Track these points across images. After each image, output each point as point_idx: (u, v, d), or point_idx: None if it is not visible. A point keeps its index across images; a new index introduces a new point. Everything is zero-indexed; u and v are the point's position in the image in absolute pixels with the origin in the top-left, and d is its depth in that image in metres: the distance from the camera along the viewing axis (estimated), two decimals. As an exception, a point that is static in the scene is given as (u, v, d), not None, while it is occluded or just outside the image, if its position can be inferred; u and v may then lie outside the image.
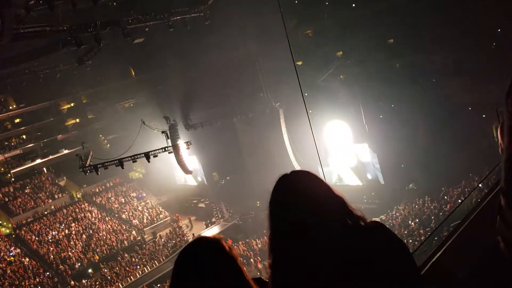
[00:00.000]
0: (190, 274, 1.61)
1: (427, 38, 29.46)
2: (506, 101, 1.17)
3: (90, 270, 34.77)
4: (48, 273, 33.80)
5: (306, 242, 1.61)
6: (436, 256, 3.48)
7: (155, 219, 42.55)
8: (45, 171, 46.06)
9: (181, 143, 34.91)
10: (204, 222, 40.89)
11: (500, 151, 2.83)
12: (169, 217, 42.95)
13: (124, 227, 40.70)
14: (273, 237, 1.73)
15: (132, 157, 31.03)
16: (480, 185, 12.58)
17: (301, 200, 1.67)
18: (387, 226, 1.75)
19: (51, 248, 36.62)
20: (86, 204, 43.15)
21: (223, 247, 1.68)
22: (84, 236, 38.69)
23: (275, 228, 1.73)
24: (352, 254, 1.57)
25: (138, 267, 34.63)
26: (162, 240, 38.80)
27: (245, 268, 1.70)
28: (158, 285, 31.71)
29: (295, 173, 1.79)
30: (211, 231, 38.64)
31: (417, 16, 29.29)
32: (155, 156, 31.75)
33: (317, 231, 1.61)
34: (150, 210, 43.93)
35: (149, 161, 31.49)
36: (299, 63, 36.32)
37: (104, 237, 38.84)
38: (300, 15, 35.81)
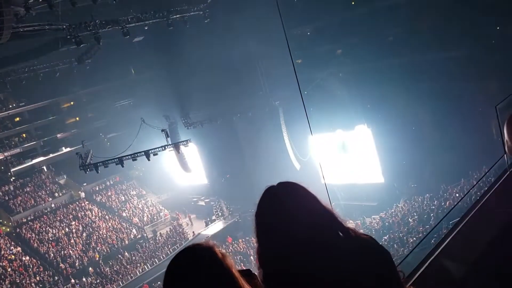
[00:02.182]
0: (181, 285, 1.53)
1: (426, 36, 29.47)
2: None
3: (90, 269, 34.81)
4: (48, 272, 33.86)
5: (297, 255, 1.58)
6: (435, 254, 3.53)
7: (155, 217, 42.63)
8: (45, 170, 46.07)
9: (181, 141, 34.97)
10: (204, 220, 40.98)
11: (506, 149, 2.87)
12: (169, 215, 43.04)
13: (125, 225, 40.77)
14: (261, 251, 1.69)
15: (132, 156, 31.11)
16: (479, 183, 12.63)
17: (289, 213, 1.63)
18: (387, 223, 1.76)
19: (51, 247, 36.68)
20: (86, 202, 43.18)
21: (216, 255, 1.58)
22: (84, 234, 38.74)
23: (263, 242, 1.69)
24: (345, 266, 1.55)
25: (139, 265, 34.71)
26: (163, 238, 38.87)
27: (241, 278, 1.60)
28: (158, 283, 31.80)
29: (281, 184, 1.75)
30: (212, 229, 38.73)
31: (416, 14, 29.30)
32: (155, 154, 31.81)
33: (307, 244, 1.58)
34: (150, 208, 44.01)
35: (149, 159, 31.57)
36: (299, 61, 36.32)
37: (104, 235, 38.89)
38: (299, 13, 35.77)
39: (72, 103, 49.83)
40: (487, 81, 25.83)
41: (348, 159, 35.26)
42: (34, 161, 45.31)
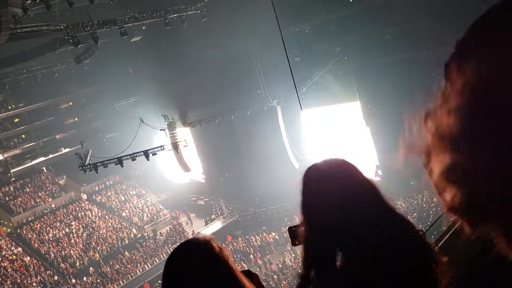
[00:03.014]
0: (180, 278, 1.58)
1: (424, 34, 29.44)
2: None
3: (91, 268, 34.87)
4: (49, 272, 33.91)
5: (347, 236, 1.52)
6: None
7: (155, 216, 42.68)
8: (45, 170, 46.09)
9: (180, 140, 34.98)
10: (203, 219, 41.03)
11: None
12: (168, 215, 43.08)
13: (125, 225, 40.82)
14: (310, 233, 1.59)
15: (132, 156, 31.12)
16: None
17: (339, 190, 1.58)
18: None
19: (52, 247, 36.72)
20: (86, 202, 43.22)
21: (213, 248, 1.62)
22: (84, 234, 38.78)
23: (311, 223, 1.60)
24: (393, 246, 1.49)
25: (139, 264, 34.77)
26: (163, 237, 38.92)
27: (237, 267, 1.65)
28: (159, 282, 31.83)
29: (329, 161, 1.71)
30: (211, 228, 38.76)
31: (414, 11, 29.28)
32: (154, 154, 31.83)
33: (359, 224, 1.52)
34: (150, 207, 44.05)
35: (148, 159, 31.59)
36: (297, 59, 36.31)
37: (105, 235, 38.94)
38: (297, 11, 35.75)
39: (70, 103, 49.80)
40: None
41: (346, 157, 35.05)
42: (34, 162, 45.32)
